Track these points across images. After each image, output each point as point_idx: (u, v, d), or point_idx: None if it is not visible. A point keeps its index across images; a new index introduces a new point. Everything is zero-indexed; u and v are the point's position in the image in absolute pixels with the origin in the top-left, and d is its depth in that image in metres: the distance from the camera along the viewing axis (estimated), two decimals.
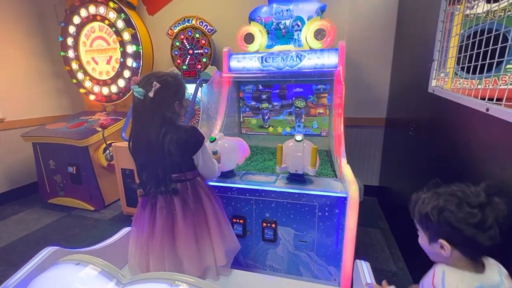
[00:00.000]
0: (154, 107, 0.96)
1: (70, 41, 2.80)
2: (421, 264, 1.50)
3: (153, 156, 0.99)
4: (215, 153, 1.23)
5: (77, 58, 2.84)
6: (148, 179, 1.03)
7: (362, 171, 2.60)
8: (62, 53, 2.83)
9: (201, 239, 1.06)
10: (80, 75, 2.87)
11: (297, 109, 2.09)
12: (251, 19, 2.06)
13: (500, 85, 1.09)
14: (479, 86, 1.02)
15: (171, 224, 1.03)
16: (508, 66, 1.15)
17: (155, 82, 0.95)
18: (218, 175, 1.25)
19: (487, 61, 0.94)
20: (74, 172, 2.43)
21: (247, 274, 1.22)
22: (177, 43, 2.48)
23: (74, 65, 2.86)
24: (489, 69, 1.01)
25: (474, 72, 1.04)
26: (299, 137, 1.25)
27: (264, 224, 1.35)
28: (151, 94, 0.94)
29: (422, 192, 0.73)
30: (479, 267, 0.65)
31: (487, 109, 0.87)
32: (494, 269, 0.65)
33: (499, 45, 0.88)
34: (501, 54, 0.90)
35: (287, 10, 1.99)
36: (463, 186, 0.67)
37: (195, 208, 1.06)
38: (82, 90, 2.90)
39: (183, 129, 1.02)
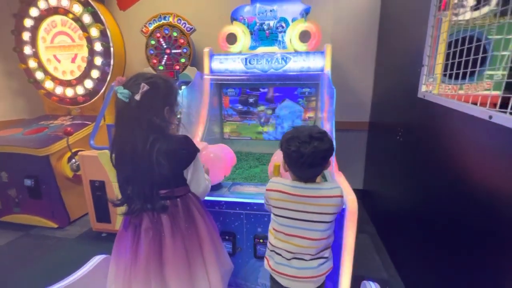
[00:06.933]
0: (140, 112, 0.84)
1: (26, 35, 2.48)
2: (413, 270, 1.49)
3: (140, 168, 0.86)
4: None
5: (36, 55, 2.52)
6: (133, 194, 0.89)
7: (345, 174, 2.58)
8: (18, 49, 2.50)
9: (193, 265, 0.92)
10: (39, 74, 2.55)
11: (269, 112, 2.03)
12: (234, 18, 1.95)
13: (477, 91, 1.12)
14: (460, 92, 1.04)
15: (158, 248, 0.89)
16: (489, 72, 1.16)
17: (143, 84, 0.82)
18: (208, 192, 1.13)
19: (469, 69, 0.99)
20: (33, 185, 2.13)
21: None
22: (153, 42, 2.29)
23: (32, 63, 2.53)
24: (472, 75, 1.04)
25: (456, 78, 1.08)
26: None
27: (256, 240, 1.24)
28: (137, 97, 0.82)
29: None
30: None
31: (490, 117, 0.85)
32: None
33: (480, 55, 0.94)
34: (483, 60, 0.96)
35: (271, 11, 1.92)
36: (303, 127, 0.92)
37: (186, 228, 0.92)
38: (42, 92, 2.58)
39: (174, 139, 0.90)
